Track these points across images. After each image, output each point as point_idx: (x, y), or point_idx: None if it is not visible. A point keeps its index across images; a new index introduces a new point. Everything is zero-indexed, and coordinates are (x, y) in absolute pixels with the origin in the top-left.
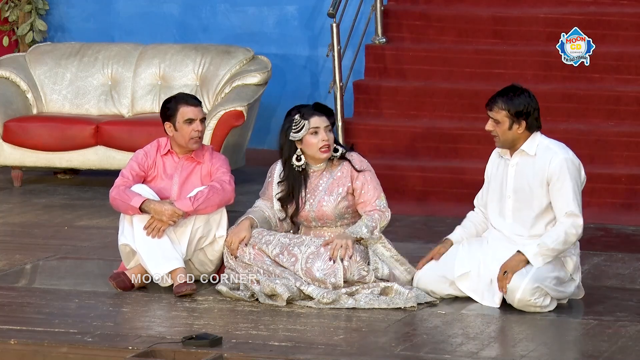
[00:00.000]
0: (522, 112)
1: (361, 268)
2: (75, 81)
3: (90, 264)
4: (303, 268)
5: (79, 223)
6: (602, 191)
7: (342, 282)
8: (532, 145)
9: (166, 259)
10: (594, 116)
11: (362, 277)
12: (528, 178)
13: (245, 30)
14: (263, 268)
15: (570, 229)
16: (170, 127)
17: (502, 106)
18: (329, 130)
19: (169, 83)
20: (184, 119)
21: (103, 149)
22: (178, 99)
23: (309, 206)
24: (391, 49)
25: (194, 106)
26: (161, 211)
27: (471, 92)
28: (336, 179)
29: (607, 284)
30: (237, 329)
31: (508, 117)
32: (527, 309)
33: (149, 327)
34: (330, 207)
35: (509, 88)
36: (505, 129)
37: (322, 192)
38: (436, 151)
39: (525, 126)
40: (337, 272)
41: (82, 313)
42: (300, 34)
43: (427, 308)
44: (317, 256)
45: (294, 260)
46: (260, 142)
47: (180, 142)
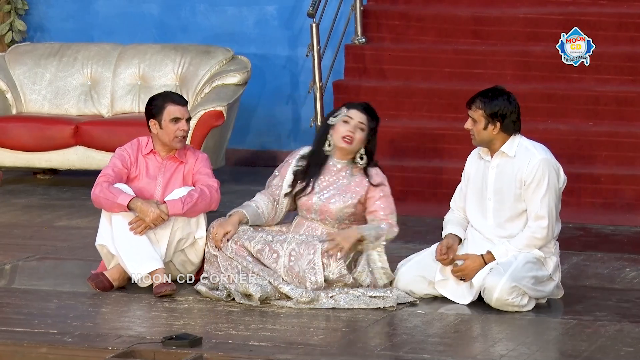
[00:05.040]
0: (498, 114)
1: (341, 267)
2: (54, 81)
3: (70, 264)
4: (286, 265)
5: (58, 223)
6: (582, 191)
7: (323, 280)
8: (511, 147)
9: (146, 260)
10: (573, 116)
11: (342, 276)
12: (508, 180)
13: (225, 30)
14: (242, 264)
15: (535, 232)
16: (155, 124)
17: (479, 105)
18: (360, 129)
19: (149, 83)
20: (170, 118)
21: (82, 149)
22: (165, 97)
23: (317, 198)
24: (371, 49)
25: (181, 105)
26: (146, 211)
27: (450, 92)
28: (353, 184)
29: (586, 283)
30: (216, 329)
31: (484, 117)
32: (506, 309)
33: (129, 328)
34: (337, 207)
35: (491, 89)
36: (481, 128)
37: (336, 189)
38: (416, 151)
39: (500, 128)
40: (317, 269)
41: (62, 313)
42: (280, 34)
43: (407, 308)
44: (299, 255)
45: (275, 257)
46: (240, 142)
47: (164, 140)
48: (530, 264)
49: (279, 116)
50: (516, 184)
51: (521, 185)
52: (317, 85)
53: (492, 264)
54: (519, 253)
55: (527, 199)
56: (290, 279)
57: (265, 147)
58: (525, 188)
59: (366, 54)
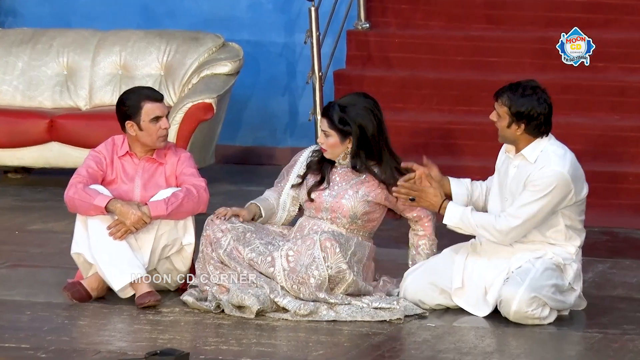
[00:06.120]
0: (523, 115)
1: (340, 261)
2: (27, 71)
3: (45, 272)
4: (285, 268)
5: (31, 227)
6: (607, 191)
7: (327, 274)
8: (534, 152)
9: (127, 267)
10: (597, 109)
11: (340, 272)
12: (522, 184)
13: (215, 15)
14: (236, 270)
15: (498, 224)
16: (133, 126)
17: (505, 101)
18: (325, 135)
19: (131, 73)
20: (150, 118)
21: (58, 145)
22: (139, 95)
23: (327, 195)
24: (375, 36)
25: (159, 101)
26: (127, 214)
27: (462, 83)
28: (364, 181)
29: (612, 293)
30: (205, 344)
31: (508, 115)
32: (525, 322)
33: (109, 342)
34: (351, 203)
35: (524, 84)
36: (504, 125)
37: (347, 186)
38: (424, 148)
39: (524, 129)
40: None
41: (35, 326)
42: (276, 18)
43: (416, 320)
44: (298, 254)
45: (270, 261)
46: (232, 137)
47: (145, 141)
48: (550, 270)
49: (274, 109)
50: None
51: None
52: (316, 75)
53: (507, 273)
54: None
55: (519, 194)
56: (290, 283)
57: (259, 143)
58: (524, 185)
59: (370, 40)
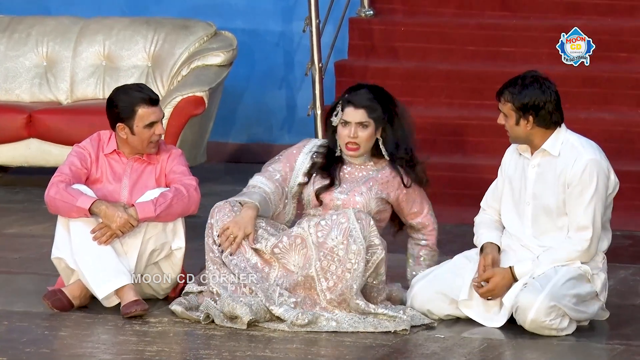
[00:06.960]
0: (529, 106)
1: (373, 235)
2: (3, 62)
3: (23, 279)
4: (315, 242)
5: (9, 230)
6: (631, 192)
7: (364, 247)
8: (555, 144)
9: (112, 274)
10: (620, 103)
11: (373, 246)
12: (551, 183)
13: (207, 1)
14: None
15: (577, 245)
16: (125, 129)
17: (507, 98)
18: (363, 126)
19: (115, 64)
20: (144, 124)
21: (37, 142)
22: (134, 98)
23: (338, 192)
24: (380, 23)
25: (155, 105)
26: (112, 216)
27: (474, 75)
28: (377, 179)
29: (636, 302)
30: (196, 356)
31: (514, 111)
32: (541, 332)
33: (92, 354)
34: (365, 199)
35: (521, 76)
36: (513, 124)
37: (360, 182)
38: (433, 145)
39: (533, 122)
40: (356, 235)
41: (13, 337)
42: (272, 5)
43: (423, 331)
44: (328, 227)
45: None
46: (225, 134)
47: (135, 145)
48: (573, 280)
49: (270, 103)
50: (559, 188)
51: (564, 190)
52: (315, 67)
53: (525, 278)
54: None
55: (570, 205)
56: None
57: (254, 139)
58: (569, 193)
59: (374, 29)
